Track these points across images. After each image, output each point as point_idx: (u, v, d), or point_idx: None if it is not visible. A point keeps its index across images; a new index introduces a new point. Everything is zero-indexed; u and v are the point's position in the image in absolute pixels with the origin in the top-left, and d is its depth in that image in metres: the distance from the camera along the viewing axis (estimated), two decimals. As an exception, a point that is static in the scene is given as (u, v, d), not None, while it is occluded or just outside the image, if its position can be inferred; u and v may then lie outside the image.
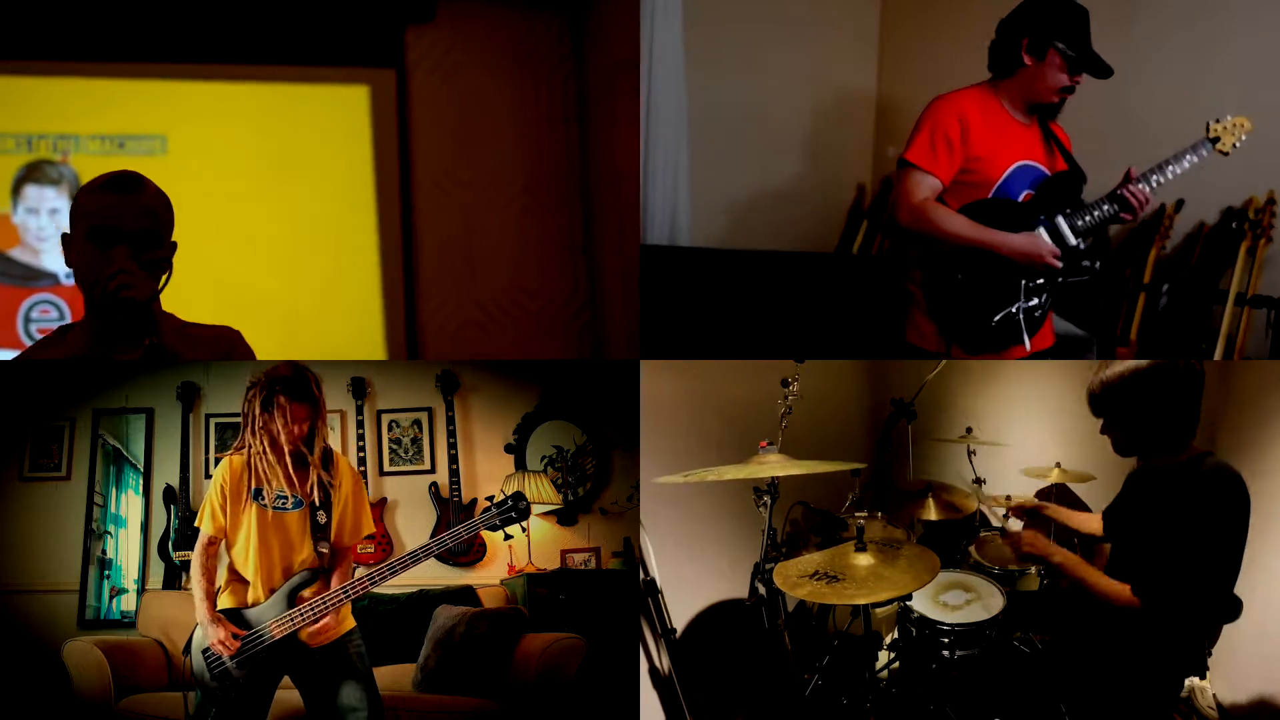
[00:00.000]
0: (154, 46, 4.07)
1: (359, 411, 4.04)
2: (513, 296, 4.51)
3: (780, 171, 4.56)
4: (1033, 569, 2.96)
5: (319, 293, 4.19)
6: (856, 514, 2.52)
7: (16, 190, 3.95)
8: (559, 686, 3.15)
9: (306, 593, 2.35)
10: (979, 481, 3.27)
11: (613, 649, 3.01)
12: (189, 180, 4.08)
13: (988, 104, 2.71)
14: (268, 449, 2.33)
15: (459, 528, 2.42)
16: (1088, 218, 2.69)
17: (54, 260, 3.96)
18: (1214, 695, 2.76)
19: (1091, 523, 2.68)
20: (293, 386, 2.31)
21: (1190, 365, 2.24)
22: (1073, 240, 2.69)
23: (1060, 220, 2.70)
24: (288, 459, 2.34)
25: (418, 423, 4.07)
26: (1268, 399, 2.96)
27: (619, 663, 2.86)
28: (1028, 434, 3.48)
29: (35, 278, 3.95)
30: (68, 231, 2.07)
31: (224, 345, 2.19)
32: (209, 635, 2.32)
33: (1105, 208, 2.69)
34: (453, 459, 3.99)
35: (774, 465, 2.45)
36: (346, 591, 2.34)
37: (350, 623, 2.44)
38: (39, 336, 2.85)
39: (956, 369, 3.19)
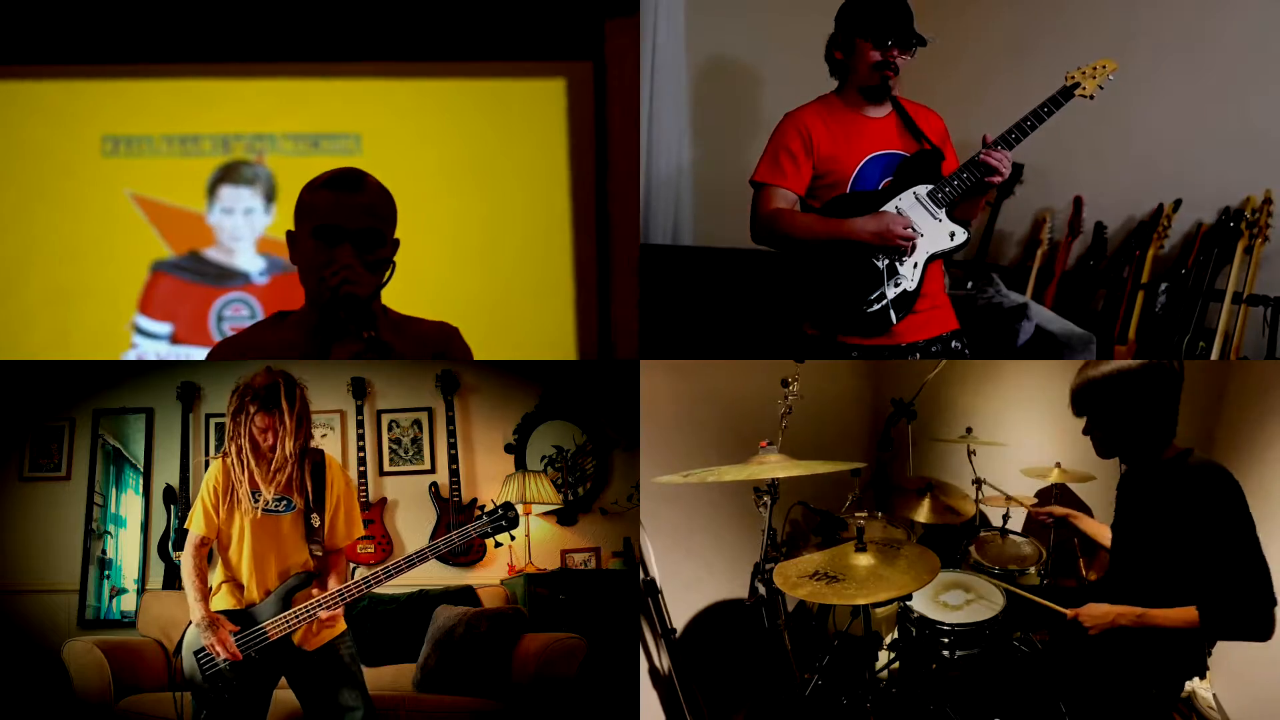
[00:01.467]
0: (348, 45, 4.07)
1: (359, 411, 4.04)
2: None
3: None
4: (1032, 569, 2.97)
5: (513, 291, 4.14)
6: (856, 514, 2.53)
7: (212, 190, 3.99)
8: (559, 686, 3.15)
9: (302, 595, 2.36)
10: (979, 482, 3.27)
11: (613, 649, 3.01)
12: (384, 178, 4.05)
13: (831, 109, 2.82)
14: (240, 457, 2.35)
15: (452, 534, 2.44)
16: (947, 189, 2.72)
17: (247, 260, 4.00)
18: (1214, 695, 2.77)
19: (1104, 536, 2.68)
20: (262, 397, 2.33)
21: (1168, 365, 2.25)
22: (936, 212, 2.73)
23: (918, 194, 2.74)
24: (266, 467, 2.35)
25: (418, 423, 4.07)
26: (1265, 398, 2.97)
27: (619, 663, 2.86)
28: (1028, 434, 3.48)
29: (229, 277, 3.99)
30: (292, 229, 2.09)
31: (440, 341, 2.22)
32: (205, 636, 2.32)
33: (964, 175, 2.71)
34: (453, 459, 3.99)
35: (774, 465, 2.45)
36: (343, 594, 2.34)
37: (342, 625, 2.45)
38: (230, 334, 2.87)
39: (956, 369, 3.19)
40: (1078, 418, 2.34)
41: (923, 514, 3.25)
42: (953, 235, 2.75)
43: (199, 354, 3.98)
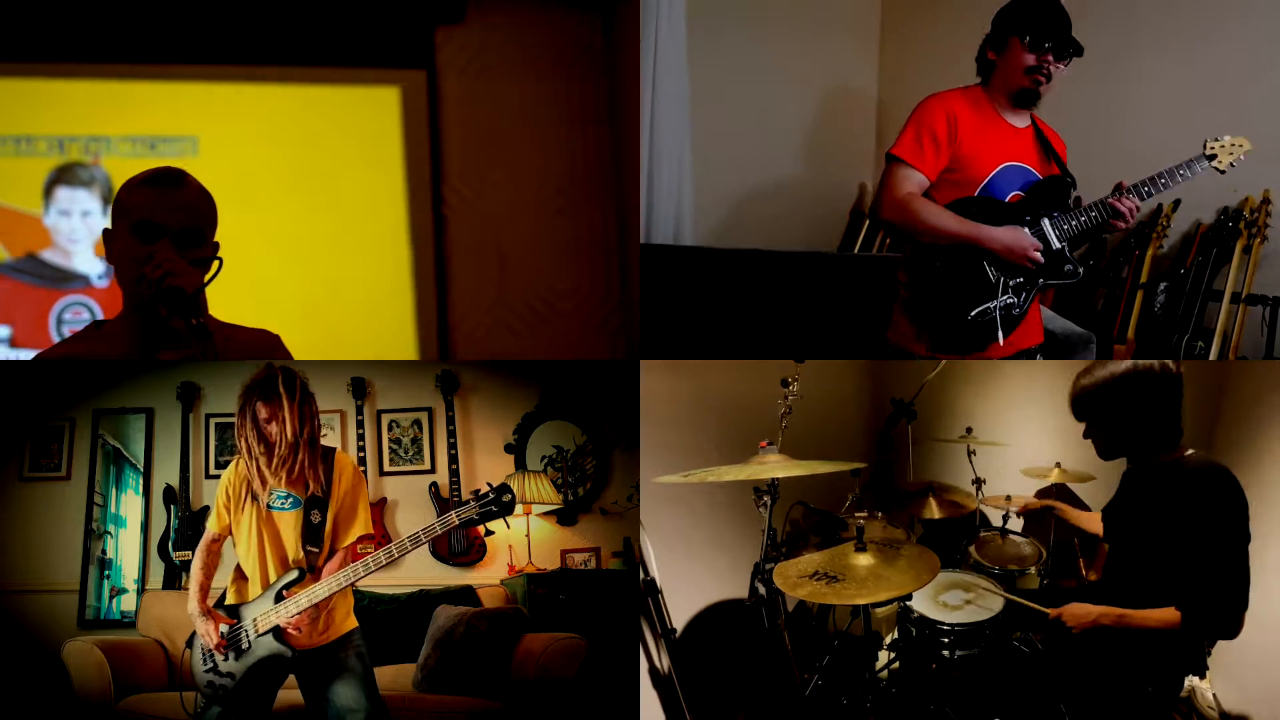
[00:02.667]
0: (184, 48, 4.08)
1: (359, 411, 4.04)
2: (545, 298, 4.49)
3: (781, 171, 4.55)
4: (1032, 569, 2.97)
5: (350, 295, 4.18)
6: (856, 514, 2.53)
7: (48, 192, 3.97)
8: (559, 686, 3.15)
9: (294, 590, 2.36)
10: (979, 482, 3.27)
11: (613, 649, 3.01)
12: (220, 182, 3.99)
13: (979, 104, 2.76)
14: (248, 450, 2.37)
15: (434, 522, 2.34)
16: (1074, 222, 2.71)
17: (85, 262, 3.98)
18: (1214, 695, 2.77)
19: (1095, 523, 2.69)
20: (261, 387, 2.35)
21: (1167, 368, 2.25)
22: (1057, 243, 2.71)
23: (1045, 222, 2.72)
24: (271, 455, 2.36)
25: (418, 423, 4.07)
26: (1264, 398, 2.97)
27: (619, 663, 2.86)
28: (1028, 434, 3.48)
29: (67, 279, 3.97)
30: (109, 227, 2.04)
31: (263, 349, 2.20)
32: (197, 627, 2.38)
33: (1093, 214, 2.70)
34: (453, 459, 3.99)
35: (774, 465, 2.46)
36: (325, 588, 2.34)
37: (352, 623, 2.46)
38: (69, 335, 2.87)
39: (956, 369, 3.19)
40: (1079, 422, 2.34)
41: (924, 511, 3.25)
42: (1067, 270, 2.72)
43: None
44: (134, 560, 3.87)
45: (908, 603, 2.56)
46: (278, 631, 2.33)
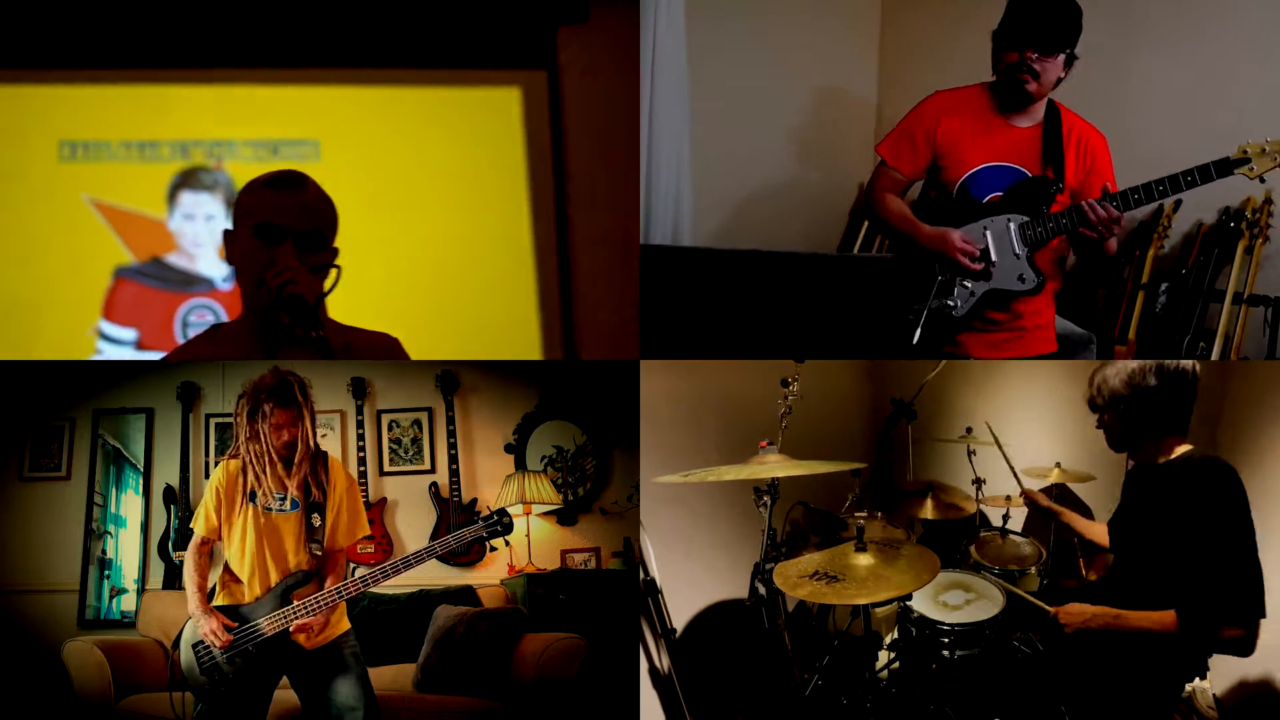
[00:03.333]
0: (307, 52, 4.09)
1: (359, 411, 4.04)
2: None
3: (781, 172, 4.55)
4: (1032, 569, 2.96)
5: (474, 297, 4.17)
6: (856, 514, 2.53)
7: (172, 197, 4.00)
8: (559, 686, 3.15)
9: (300, 593, 2.36)
10: (979, 482, 3.27)
11: (613, 649, 3.01)
12: (343, 184, 3.99)
13: (972, 102, 2.74)
14: (258, 455, 2.37)
15: (448, 537, 2.48)
16: (1040, 228, 2.63)
17: (209, 265, 4.01)
18: (1214, 695, 2.76)
19: (1100, 534, 2.68)
20: (277, 394, 2.34)
21: (1185, 366, 2.26)
22: (1019, 248, 2.65)
23: (1012, 222, 2.66)
24: (279, 464, 2.38)
25: (418, 423, 4.07)
26: (1265, 398, 2.97)
27: (619, 663, 2.86)
28: (1028, 434, 3.48)
29: (191, 283, 4.00)
30: (230, 228, 2.03)
31: (382, 351, 2.18)
32: (201, 626, 2.34)
33: (1062, 220, 2.61)
34: (453, 459, 3.99)
35: (774, 465, 2.45)
36: (340, 592, 2.35)
37: (345, 624, 2.47)
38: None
39: (956, 369, 3.19)
40: (1094, 413, 2.33)
41: (924, 511, 3.25)
42: (1021, 278, 2.65)
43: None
44: (134, 560, 3.87)
45: (908, 603, 2.56)
46: (282, 632, 2.34)
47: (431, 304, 4.11)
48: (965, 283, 2.68)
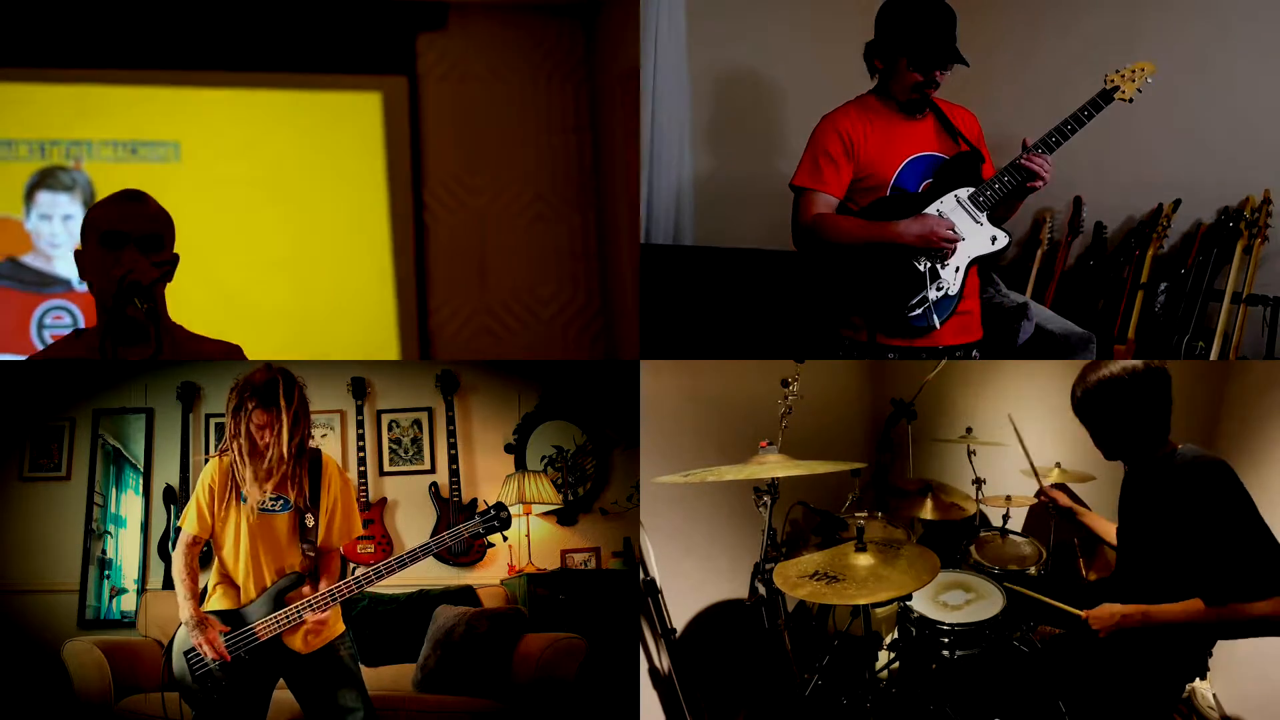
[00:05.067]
0: (166, 53, 4.09)
1: (359, 411, 4.03)
2: (524, 302, 4.52)
3: (782, 171, 4.55)
4: (1032, 569, 2.96)
5: (332, 299, 4.21)
6: (856, 514, 2.53)
7: (29, 196, 3.99)
8: (559, 686, 3.15)
9: (293, 595, 2.35)
10: (979, 482, 3.27)
11: (613, 649, 3.01)
12: (202, 186, 4.11)
13: (872, 109, 2.81)
14: (240, 454, 2.35)
15: (443, 534, 2.46)
16: (988, 192, 2.73)
17: (66, 266, 3.98)
18: (1214, 695, 2.77)
19: (1113, 531, 2.68)
20: (260, 392, 2.33)
21: (1152, 366, 2.27)
22: (978, 215, 2.74)
23: (959, 197, 2.75)
24: (261, 463, 2.34)
25: (418, 423, 4.07)
26: (1265, 398, 2.97)
27: (619, 663, 2.86)
28: (1028, 434, 3.48)
29: (48, 284, 3.98)
30: (80, 248, 2.22)
31: (222, 358, 2.33)
32: (194, 636, 2.31)
33: (1005, 179, 2.72)
34: (453, 459, 3.99)
35: (774, 465, 2.45)
36: (334, 594, 2.34)
37: (340, 626, 2.45)
38: (51, 342, 2.90)
39: (956, 369, 3.19)
40: (1083, 425, 2.35)
41: (923, 511, 3.25)
42: (994, 239, 2.76)
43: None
44: (134, 560, 3.87)
45: (908, 603, 2.56)
46: (276, 636, 2.33)
47: (290, 308, 4.14)
48: (946, 263, 2.73)
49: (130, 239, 2.16)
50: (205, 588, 2.42)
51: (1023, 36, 4.12)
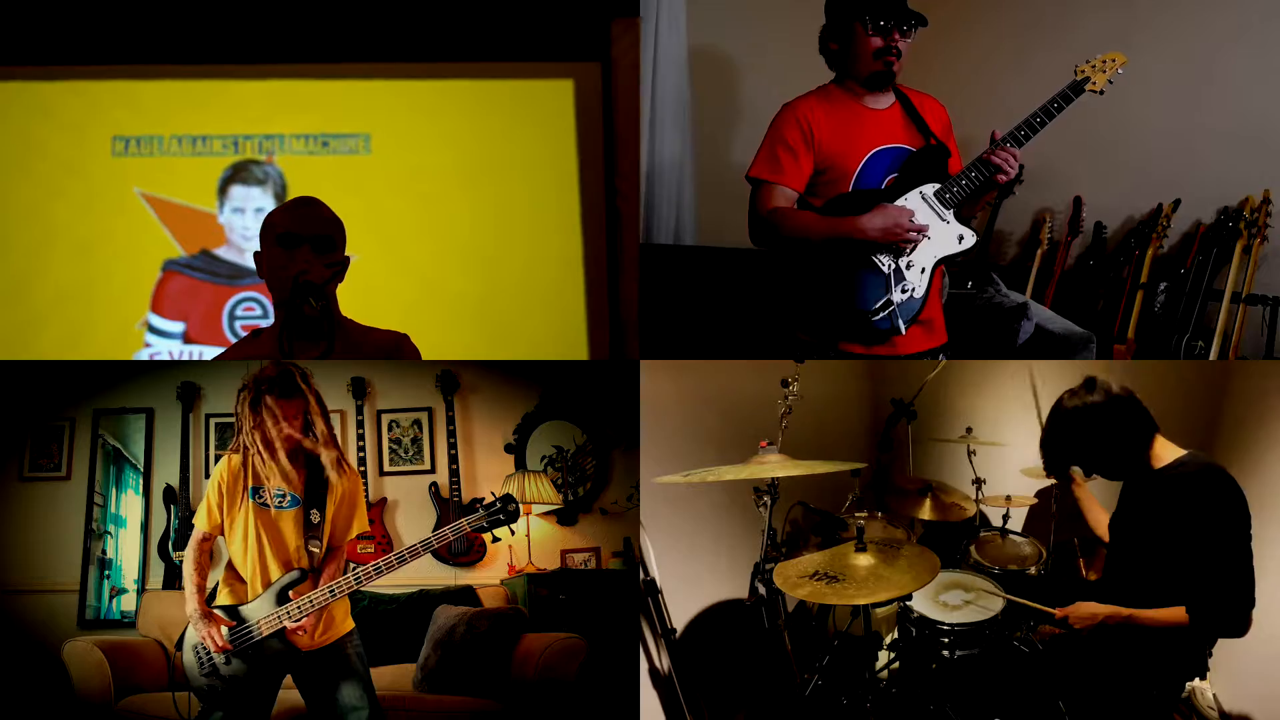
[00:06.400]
0: (357, 46, 4.10)
1: (359, 411, 4.04)
2: None
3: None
4: (1032, 569, 2.97)
5: (521, 292, 4.15)
6: (856, 514, 2.53)
7: (223, 190, 4.04)
8: (559, 686, 3.15)
9: (297, 592, 2.35)
10: (979, 482, 3.27)
11: (613, 649, 3.01)
12: (393, 178, 4.14)
13: (833, 99, 2.70)
14: (262, 449, 2.35)
15: (445, 529, 2.41)
16: (955, 189, 2.61)
17: None
18: (1214, 695, 2.77)
19: (1102, 524, 2.68)
20: (279, 385, 2.34)
21: (1110, 393, 2.25)
22: (944, 213, 2.62)
23: (925, 193, 2.63)
24: (283, 457, 2.36)
25: (418, 423, 4.07)
26: (1264, 398, 2.97)
27: (619, 663, 2.86)
28: (1028, 434, 3.48)
29: (241, 275, 4.02)
30: (259, 250, 2.30)
31: (392, 347, 2.39)
32: (198, 629, 2.34)
33: (973, 174, 2.59)
34: (453, 459, 3.99)
35: (774, 465, 2.46)
36: (332, 591, 2.34)
37: (349, 624, 2.46)
38: (244, 334, 2.95)
39: (956, 369, 3.19)
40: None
41: (923, 511, 3.25)
42: (961, 238, 2.63)
43: (212, 353, 4.01)
44: (134, 560, 3.87)
45: (908, 603, 2.56)
46: (279, 632, 2.33)
47: (480, 299, 4.12)
48: (911, 263, 2.61)
49: (304, 240, 2.25)
50: (215, 586, 2.44)
51: (1022, 37, 4.13)
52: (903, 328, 2.62)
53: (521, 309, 4.16)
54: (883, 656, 2.65)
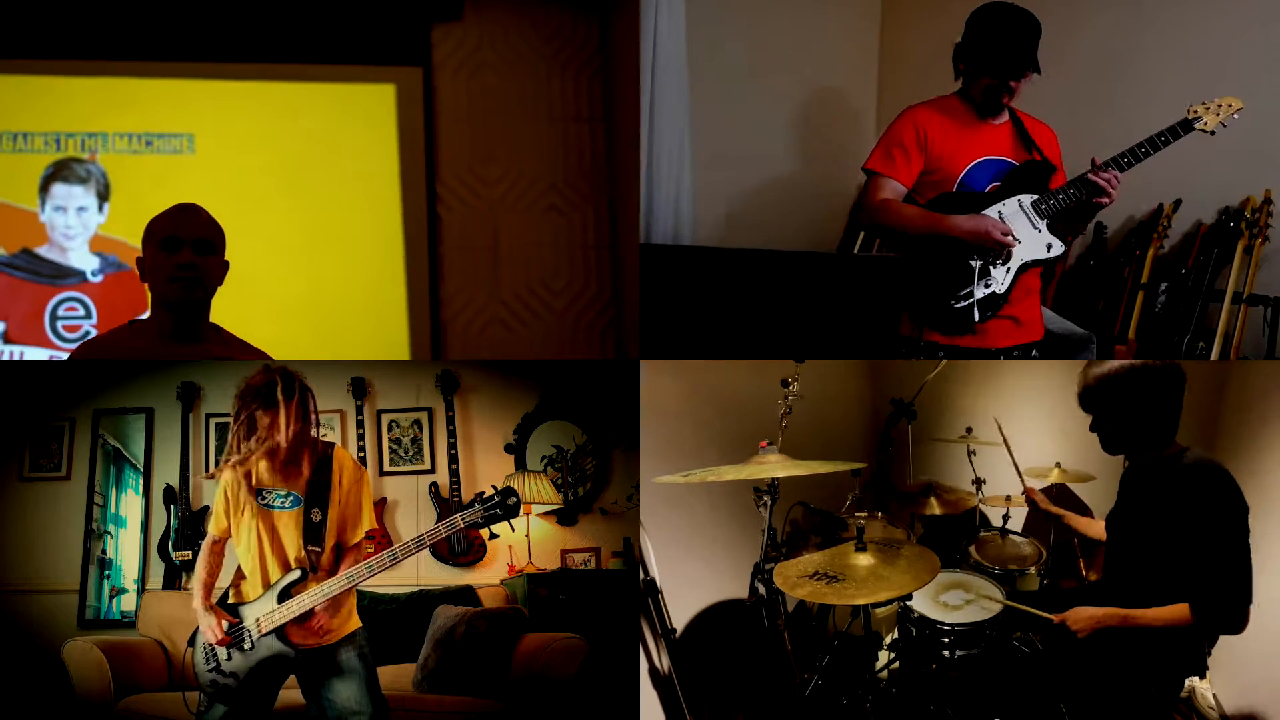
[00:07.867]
0: (181, 45, 4.10)
1: (359, 411, 4.03)
2: (538, 295, 4.52)
3: (781, 171, 4.56)
4: (1032, 569, 2.97)
5: (343, 292, 4.21)
6: (856, 514, 2.53)
7: (45, 188, 4.00)
8: (559, 686, 3.15)
9: (297, 590, 2.36)
10: (979, 482, 3.27)
11: (613, 649, 3.01)
12: (216, 178, 4.13)
13: (951, 110, 2.91)
14: (251, 455, 2.37)
15: (439, 524, 2.42)
16: (1051, 201, 2.81)
17: (81, 258, 3.98)
18: (1214, 695, 2.77)
19: (1096, 528, 2.68)
20: (261, 395, 2.36)
21: (1172, 365, 2.29)
22: (1037, 222, 2.82)
23: (1022, 202, 2.83)
24: (275, 462, 2.38)
25: (418, 423, 4.07)
26: (1265, 398, 2.97)
27: (619, 663, 2.86)
28: (1028, 434, 3.48)
29: (63, 275, 4.00)
30: (140, 255, 2.43)
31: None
32: (200, 621, 2.39)
33: (1071, 191, 2.80)
34: (453, 459, 3.99)
35: (774, 465, 2.46)
36: (327, 590, 2.34)
37: (355, 623, 2.46)
38: (65, 334, 2.96)
39: (956, 369, 3.19)
40: (1086, 414, 2.35)
41: (924, 511, 3.25)
42: (1049, 246, 2.84)
43: (33, 353, 3.98)
44: (134, 560, 3.87)
45: (908, 603, 2.56)
46: (281, 631, 2.34)
47: (302, 300, 4.15)
48: (999, 263, 2.81)
49: (185, 243, 2.39)
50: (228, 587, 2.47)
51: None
52: (977, 318, 2.81)
53: (344, 309, 4.21)
54: (883, 656, 2.65)
